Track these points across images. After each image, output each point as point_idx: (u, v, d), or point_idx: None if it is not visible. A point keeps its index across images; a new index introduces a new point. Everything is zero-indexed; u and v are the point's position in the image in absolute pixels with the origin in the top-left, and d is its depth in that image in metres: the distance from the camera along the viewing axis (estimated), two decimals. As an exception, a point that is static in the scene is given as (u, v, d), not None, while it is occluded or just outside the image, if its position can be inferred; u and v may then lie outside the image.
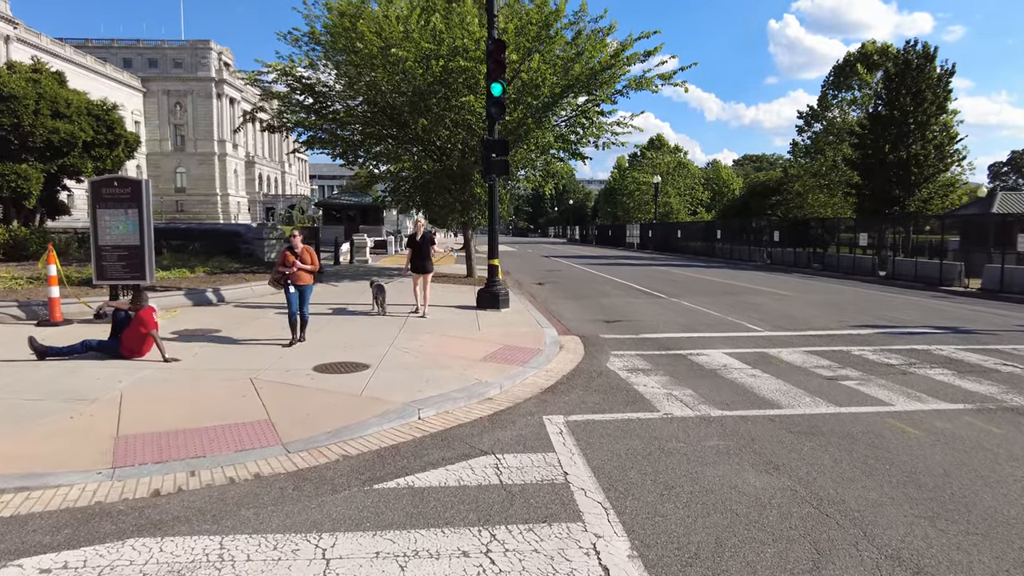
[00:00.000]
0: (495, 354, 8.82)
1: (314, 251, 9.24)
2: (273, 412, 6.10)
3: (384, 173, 20.59)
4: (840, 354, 9.51)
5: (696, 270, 28.98)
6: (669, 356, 9.24)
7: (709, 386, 7.46)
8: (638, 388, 7.29)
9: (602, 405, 6.60)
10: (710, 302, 15.89)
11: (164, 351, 7.87)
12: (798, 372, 8.28)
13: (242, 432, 5.60)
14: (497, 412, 6.30)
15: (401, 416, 5.99)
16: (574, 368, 8.38)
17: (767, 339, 10.80)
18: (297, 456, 5.17)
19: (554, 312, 13.81)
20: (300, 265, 8.93)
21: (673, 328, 11.85)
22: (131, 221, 10.33)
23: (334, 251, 26.03)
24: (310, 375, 7.35)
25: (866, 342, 10.61)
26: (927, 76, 31.79)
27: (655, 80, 17.16)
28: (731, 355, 9.35)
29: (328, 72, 17.65)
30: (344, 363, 7.90)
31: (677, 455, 5.12)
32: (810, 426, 5.96)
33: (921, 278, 23.23)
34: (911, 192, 32.11)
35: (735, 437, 5.61)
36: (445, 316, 12.18)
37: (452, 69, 15.02)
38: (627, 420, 6.06)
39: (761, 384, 7.58)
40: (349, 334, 10.03)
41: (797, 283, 22.77)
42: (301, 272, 8.97)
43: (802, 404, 6.71)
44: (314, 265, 9.16)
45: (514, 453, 5.10)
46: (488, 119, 12.69)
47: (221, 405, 6.29)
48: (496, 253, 13.47)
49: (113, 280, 10.42)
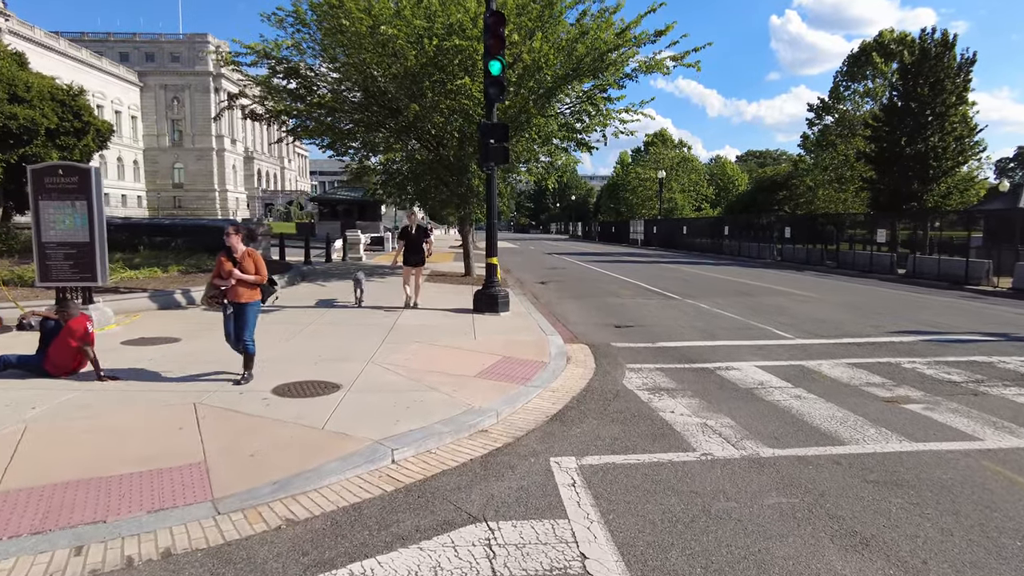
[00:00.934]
0: (492, 368, 7.56)
1: (260, 257, 6.73)
2: (212, 451, 4.85)
3: (376, 165, 19.28)
4: (890, 368, 8.23)
5: (705, 268, 27.67)
6: (694, 371, 7.97)
7: (749, 412, 6.19)
8: (664, 415, 6.02)
9: (623, 440, 5.33)
10: (727, 304, 14.61)
11: (99, 367, 6.63)
12: (849, 392, 7.01)
13: (166, 481, 4.35)
14: (492, 452, 5.04)
15: (370, 459, 4.73)
16: (585, 387, 7.12)
17: (801, 349, 9.53)
18: (228, 520, 3.93)
19: (559, 315, 12.54)
20: (238, 275, 6.46)
21: (692, 335, 10.58)
22: (79, 215, 9.05)
23: (326, 248, 24.80)
24: (266, 400, 6.08)
25: (913, 352, 9.33)
26: (946, 65, 30.41)
27: (666, 62, 15.89)
28: (765, 369, 8.08)
29: (315, 56, 16.36)
30: (310, 383, 6.64)
31: (730, 522, 3.86)
32: (888, 472, 4.69)
33: (945, 276, 21.92)
34: (929, 186, 30.77)
35: (799, 490, 4.35)
36: (437, 321, 10.92)
37: (447, 49, 13.71)
38: (657, 464, 4.79)
39: (810, 409, 6.31)
40: (324, 343, 8.77)
41: (814, 282, 21.47)
42: (239, 287, 6.51)
43: (868, 438, 5.44)
44: (259, 276, 6.60)
45: (512, 520, 3.84)
46: (486, 101, 11.40)
47: (150, 441, 5.04)
48: (495, 251, 12.19)
49: (59, 282, 9.15)
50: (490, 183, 11.88)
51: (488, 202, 12.11)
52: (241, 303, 6.54)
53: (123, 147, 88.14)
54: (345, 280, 16.81)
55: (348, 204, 41.70)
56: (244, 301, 6.54)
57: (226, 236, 6.60)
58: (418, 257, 12.34)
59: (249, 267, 6.55)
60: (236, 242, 6.60)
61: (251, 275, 6.55)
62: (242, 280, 6.49)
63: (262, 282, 6.68)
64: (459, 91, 14.13)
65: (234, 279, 6.45)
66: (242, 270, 6.50)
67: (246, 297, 6.56)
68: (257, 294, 6.70)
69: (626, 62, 15.91)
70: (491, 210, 12.07)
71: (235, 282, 6.45)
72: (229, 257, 6.55)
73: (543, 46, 14.20)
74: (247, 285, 6.54)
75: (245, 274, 6.50)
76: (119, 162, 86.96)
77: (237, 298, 6.50)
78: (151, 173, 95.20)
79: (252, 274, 6.55)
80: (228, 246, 6.60)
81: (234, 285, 6.47)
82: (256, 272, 6.59)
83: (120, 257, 15.18)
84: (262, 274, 6.65)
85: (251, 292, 6.60)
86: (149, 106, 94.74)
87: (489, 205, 12.08)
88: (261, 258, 6.70)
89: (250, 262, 6.58)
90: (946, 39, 30.87)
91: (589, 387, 7.08)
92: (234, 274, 6.44)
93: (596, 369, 7.95)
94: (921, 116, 30.44)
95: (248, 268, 6.54)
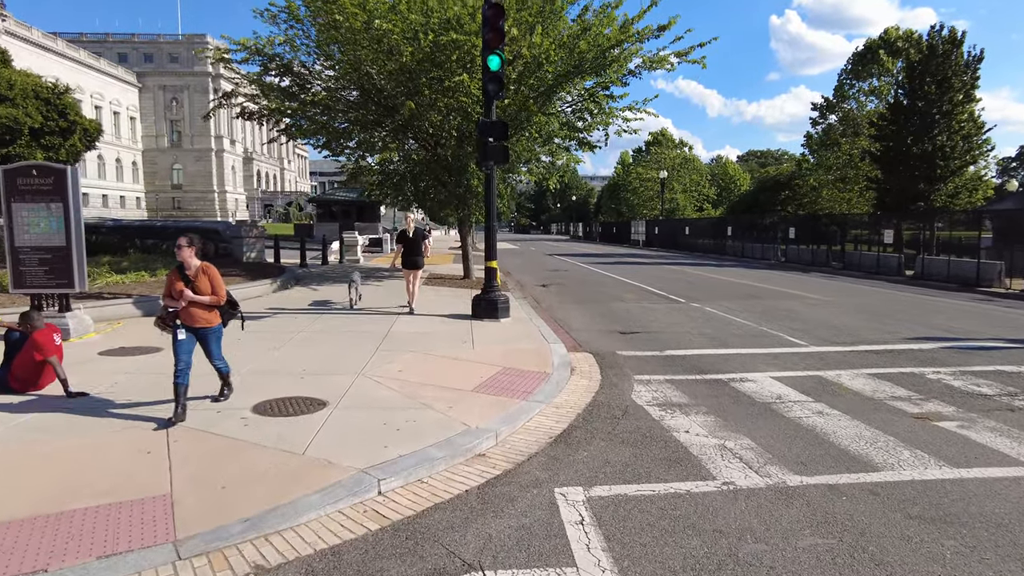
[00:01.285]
0: (491, 381, 7.07)
1: (218, 275, 5.77)
2: (180, 481, 4.37)
3: (372, 165, 18.77)
4: (913, 379, 7.74)
5: (709, 269, 27.17)
6: (707, 383, 7.48)
7: (770, 431, 5.70)
8: (679, 436, 5.53)
9: (635, 466, 4.84)
10: (736, 308, 14.11)
11: (67, 383, 6.15)
12: (875, 407, 6.52)
13: (124, 519, 3.87)
14: (491, 480, 4.55)
15: (353, 491, 4.24)
16: (590, 401, 6.62)
17: (817, 357, 9.03)
18: (190, 567, 3.45)
19: (561, 321, 12.05)
20: (191, 297, 5.50)
21: (702, 342, 10.08)
22: (55, 217, 8.57)
23: (322, 249, 24.32)
24: (245, 419, 5.60)
25: (936, 361, 8.83)
26: (954, 63, 29.90)
27: (670, 58, 15.39)
28: (782, 381, 7.58)
29: (309, 53, 15.86)
30: (294, 399, 6.15)
31: (761, 570, 3.37)
32: (933, 505, 4.20)
33: (955, 278, 21.43)
34: (936, 186, 30.24)
35: (835, 528, 3.85)
36: (434, 328, 10.43)
37: (444, 45, 13.23)
38: (674, 496, 4.30)
39: (835, 427, 5.82)
40: (313, 353, 8.28)
41: (821, 284, 20.97)
42: (194, 309, 5.58)
43: (903, 462, 4.94)
44: (214, 297, 5.66)
45: (513, 569, 3.34)
46: (485, 98, 10.91)
47: (113, 469, 4.56)
48: (494, 254, 11.69)
49: (34, 288, 8.67)
50: (489, 183, 11.38)
51: (487, 203, 11.61)
52: (198, 328, 5.67)
53: (122, 148, 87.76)
54: (340, 284, 16.32)
55: (346, 205, 41.18)
56: (201, 326, 5.68)
57: (177, 249, 5.59)
58: (417, 259, 12.23)
59: (204, 286, 5.61)
60: (189, 256, 5.58)
61: (206, 296, 5.61)
62: (196, 302, 5.56)
63: (219, 303, 5.75)
64: (457, 88, 13.64)
65: (185, 300, 5.51)
66: (195, 290, 5.56)
67: (203, 321, 5.68)
68: (216, 317, 5.80)
69: (629, 59, 15.43)
70: (490, 211, 11.56)
71: (186, 304, 5.53)
72: (181, 274, 5.60)
73: (544, 42, 13.71)
74: (202, 307, 5.63)
75: (199, 295, 5.58)
76: (117, 163, 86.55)
77: (193, 322, 5.64)
78: (150, 174, 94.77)
79: (207, 294, 5.62)
80: (180, 261, 5.63)
81: (187, 307, 5.55)
82: (212, 292, 5.65)
83: (108, 260, 14.72)
84: (219, 295, 5.70)
85: (208, 315, 5.71)
86: (148, 107, 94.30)
87: (488, 206, 11.57)
88: (219, 276, 5.76)
89: (205, 281, 5.62)
90: (954, 36, 30.34)
91: (595, 402, 6.59)
92: (185, 295, 5.49)
93: (602, 381, 7.46)
94: (928, 114, 29.90)
95: (202, 287, 5.60)
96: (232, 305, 5.95)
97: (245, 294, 13.27)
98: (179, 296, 5.51)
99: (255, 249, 20.27)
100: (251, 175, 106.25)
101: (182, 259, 5.59)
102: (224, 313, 5.89)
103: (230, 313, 5.96)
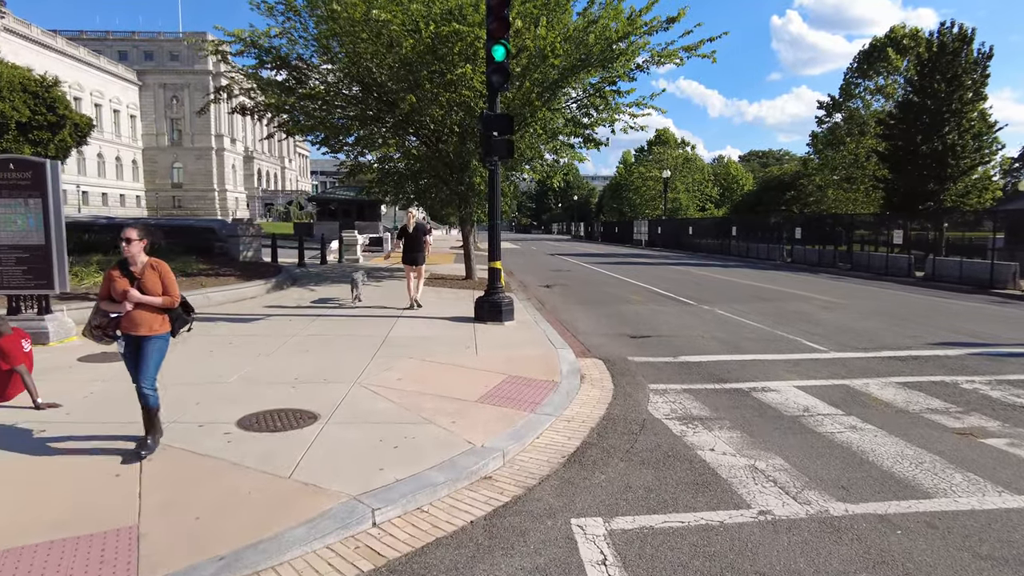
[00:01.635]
0: (496, 391, 6.57)
1: (169, 272, 4.70)
2: (149, 509, 3.88)
3: (372, 162, 18.26)
4: (948, 389, 7.25)
5: (715, 270, 26.67)
6: (727, 393, 6.99)
7: (802, 449, 5.20)
8: (704, 455, 5.03)
9: (659, 492, 4.34)
10: (746, 310, 13.61)
11: (35, 394, 5.66)
12: (911, 421, 6.02)
13: (81, 558, 3.38)
14: (499, 509, 4.06)
15: (344, 523, 3.75)
16: (604, 414, 6.13)
17: (840, 364, 8.53)
18: (150, 619, 2.96)
19: (567, 323, 11.56)
20: (137, 297, 4.50)
21: (716, 347, 9.59)
22: (33, 214, 8.09)
23: (321, 249, 23.84)
24: (229, 435, 5.11)
25: (967, 368, 8.34)
26: (964, 60, 29.38)
27: (679, 52, 14.90)
28: (806, 391, 7.09)
29: (306, 46, 15.36)
30: (284, 412, 5.66)
31: (820, 628, 2.87)
32: (1003, 542, 3.70)
33: (968, 279, 20.91)
34: (946, 186, 29.72)
35: (895, 572, 3.36)
36: (435, 332, 9.93)
37: (446, 36, 12.73)
38: (706, 529, 3.80)
39: (873, 444, 5.32)
40: (307, 359, 7.78)
41: (830, 285, 20.47)
42: (139, 313, 4.57)
43: (957, 488, 4.45)
44: (167, 297, 4.63)
45: (528, 626, 2.86)
46: (489, 90, 10.42)
47: (76, 495, 4.07)
48: (498, 254, 11.19)
49: (10, 289, 8.19)
50: (493, 180, 10.88)
51: (490, 201, 11.09)
52: (141, 336, 4.59)
53: (122, 146, 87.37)
54: (338, 284, 15.84)
55: (347, 204, 40.70)
56: (145, 334, 4.58)
57: (125, 243, 4.53)
58: (417, 256, 12.15)
59: (153, 285, 4.58)
60: (137, 251, 4.56)
61: (156, 296, 4.58)
62: (145, 303, 4.55)
63: (172, 306, 4.70)
64: (459, 81, 13.15)
65: (131, 302, 4.50)
66: (143, 289, 4.54)
67: (148, 328, 4.59)
68: (165, 323, 4.71)
69: (637, 52, 14.94)
70: (494, 210, 11.05)
71: (132, 307, 4.52)
72: (124, 272, 4.57)
73: (549, 34, 13.23)
74: (151, 310, 4.60)
75: (147, 295, 4.55)
76: (117, 161, 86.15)
77: (134, 329, 4.57)
78: (150, 173, 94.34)
79: (157, 295, 4.58)
80: (124, 257, 4.59)
81: (131, 311, 4.54)
82: (164, 292, 4.63)
83: (97, 260, 14.21)
84: (172, 294, 4.66)
85: (156, 321, 4.63)
86: (148, 105, 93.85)
87: (492, 204, 11.06)
88: (171, 273, 4.72)
89: (154, 278, 4.60)
90: (963, 33, 29.81)
91: (609, 415, 6.09)
92: (131, 295, 4.48)
93: (615, 391, 6.97)
94: (938, 112, 29.39)
95: (151, 287, 4.57)
96: (186, 308, 4.93)
97: (239, 295, 12.79)
98: (122, 297, 4.50)
99: (251, 248, 19.79)
100: (252, 174, 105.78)
101: (129, 254, 4.55)
102: (176, 319, 4.83)
103: (182, 319, 4.90)
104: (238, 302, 12.35)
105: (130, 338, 4.62)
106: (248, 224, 22.25)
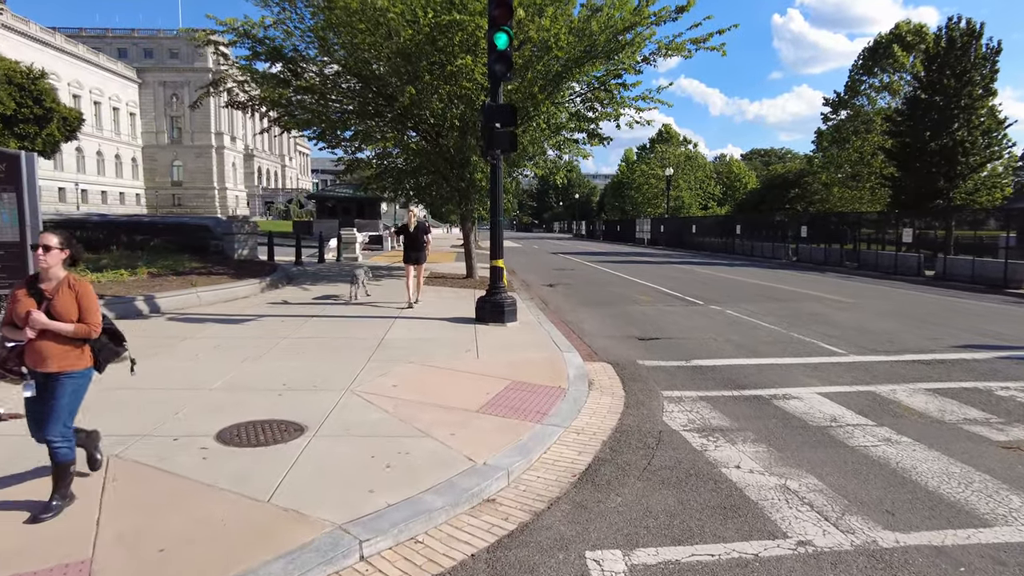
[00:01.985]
0: (499, 399, 6.10)
1: (90, 292, 3.71)
2: (106, 540, 3.41)
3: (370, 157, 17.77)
4: (983, 396, 6.77)
5: (720, 269, 26.18)
6: (746, 400, 6.51)
7: (836, 466, 4.73)
8: (728, 473, 4.56)
9: (683, 518, 3.87)
10: (757, 310, 13.13)
11: (-2, 404, 5.18)
12: (949, 433, 5.55)
13: (22, 598, 2.92)
14: (503, 539, 3.59)
15: (328, 556, 3.28)
16: (616, 425, 5.66)
17: (862, 368, 8.06)
18: None
19: (572, 324, 11.09)
20: (44, 323, 3.51)
21: (730, 350, 9.11)
22: (7, 209, 7.62)
23: (319, 247, 23.38)
24: (205, 450, 4.64)
25: (998, 373, 7.86)
26: (973, 55, 28.84)
27: (687, 44, 14.39)
28: (831, 398, 6.62)
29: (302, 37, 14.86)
30: (268, 423, 5.19)
31: None
32: (1079, 579, 3.23)
33: (980, 279, 20.42)
34: (955, 183, 29.20)
35: (965, 619, 2.89)
36: (434, 333, 9.46)
37: (445, 25, 12.25)
38: (739, 564, 3.33)
39: (913, 460, 4.85)
40: (297, 364, 7.31)
41: (839, 284, 19.99)
42: (45, 344, 3.57)
43: (1018, 513, 3.97)
44: (83, 325, 3.63)
45: None
46: (491, 80, 9.94)
47: (22, 524, 3.60)
48: (500, 252, 10.71)
49: (-15, 289, 7.75)
50: (495, 175, 10.39)
51: (493, 197, 10.60)
52: (51, 373, 3.60)
53: (121, 144, 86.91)
54: (335, 283, 15.38)
55: (346, 202, 40.30)
56: (54, 370, 3.59)
57: (44, 251, 3.57)
58: (418, 254, 12.03)
59: (65, 307, 3.59)
60: (54, 262, 3.60)
61: (67, 323, 3.58)
62: (51, 330, 3.55)
63: (89, 336, 3.68)
64: (460, 73, 12.67)
65: (33, 329, 3.51)
66: (52, 313, 3.56)
67: (59, 363, 3.59)
68: (82, 359, 3.71)
69: (643, 44, 14.45)
70: (496, 206, 10.57)
71: (34, 335, 3.53)
72: (32, 291, 3.60)
73: (553, 25, 12.75)
74: (62, 341, 3.60)
75: (57, 320, 3.56)
76: (117, 159, 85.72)
77: (41, 364, 3.59)
78: (150, 171, 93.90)
79: (70, 320, 3.59)
80: (35, 272, 3.71)
81: (34, 340, 3.55)
82: (80, 319, 3.63)
83: (87, 258, 13.76)
84: (89, 322, 3.64)
85: (71, 354, 3.64)
86: (148, 103, 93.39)
87: (493, 201, 10.57)
88: (92, 295, 3.71)
89: (69, 298, 3.61)
90: (972, 28, 29.28)
91: (622, 426, 5.62)
92: (33, 319, 3.49)
93: (626, 399, 6.49)
94: (947, 109, 28.86)
95: (63, 310, 3.58)
96: (114, 338, 3.94)
97: (231, 294, 12.33)
98: (25, 322, 3.50)
99: (247, 246, 19.33)
100: (252, 172, 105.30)
101: (43, 266, 3.59)
102: (100, 350, 3.82)
103: (111, 351, 3.91)
104: (230, 302, 11.88)
105: (37, 375, 3.63)
106: (244, 222, 21.80)
